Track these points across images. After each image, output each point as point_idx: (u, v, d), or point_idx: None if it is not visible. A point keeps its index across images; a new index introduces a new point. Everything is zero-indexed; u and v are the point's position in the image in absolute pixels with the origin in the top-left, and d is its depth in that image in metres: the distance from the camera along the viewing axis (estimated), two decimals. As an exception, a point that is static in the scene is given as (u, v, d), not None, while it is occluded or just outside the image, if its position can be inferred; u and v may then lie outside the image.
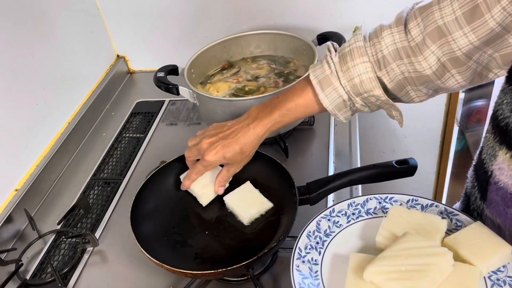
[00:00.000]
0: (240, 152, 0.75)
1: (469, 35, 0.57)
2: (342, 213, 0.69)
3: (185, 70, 1.02)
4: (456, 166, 1.71)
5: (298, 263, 0.62)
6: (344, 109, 0.71)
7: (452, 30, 0.58)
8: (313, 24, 1.23)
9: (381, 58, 0.66)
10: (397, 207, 0.66)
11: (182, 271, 0.67)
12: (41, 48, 1.06)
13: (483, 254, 0.57)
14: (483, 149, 0.67)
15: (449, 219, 0.65)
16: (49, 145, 1.07)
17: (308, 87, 0.72)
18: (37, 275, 0.83)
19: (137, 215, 0.79)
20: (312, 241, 0.66)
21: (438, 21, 0.59)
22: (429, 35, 0.61)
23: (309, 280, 0.60)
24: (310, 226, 0.67)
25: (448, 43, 0.59)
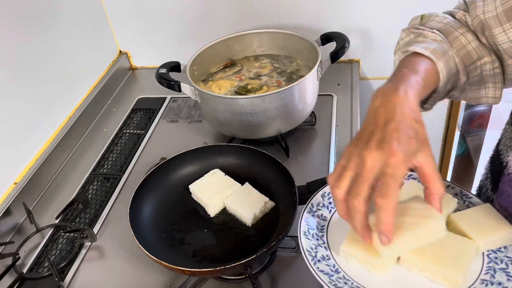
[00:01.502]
0: (415, 121, 0.51)
1: (509, 32, 0.58)
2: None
3: (187, 67, 1.02)
4: (456, 170, 1.71)
5: (307, 216, 0.65)
6: (448, 85, 0.63)
7: (492, 26, 0.60)
8: (317, 24, 1.22)
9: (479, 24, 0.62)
10: (413, 182, 0.67)
11: (180, 269, 0.67)
12: (43, 42, 1.06)
13: (483, 231, 0.58)
14: (501, 140, 0.67)
15: (462, 200, 0.66)
16: (49, 139, 1.07)
17: (422, 58, 0.59)
18: (34, 269, 0.83)
19: (136, 211, 0.79)
20: (325, 200, 0.68)
21: (480, 15, 0.61)
22: (476, 28, 0.62)
23: (314, 231, 0.64)
24: (326, 188, 0.69)
25: (491, 37, 0.61)
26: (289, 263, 0.78)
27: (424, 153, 0.50)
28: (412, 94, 0.53)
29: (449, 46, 0.63)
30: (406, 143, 0.49)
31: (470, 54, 0.63)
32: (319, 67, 0.97)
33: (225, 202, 0.82)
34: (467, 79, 0.65)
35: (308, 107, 1.00)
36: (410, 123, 0.50)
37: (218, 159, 0.91)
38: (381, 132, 0.50)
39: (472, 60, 0.63)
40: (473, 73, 0.65)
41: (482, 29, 0.62)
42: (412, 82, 0.55)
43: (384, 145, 0.49)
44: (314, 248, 0.61)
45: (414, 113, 0.52)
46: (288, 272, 0.76)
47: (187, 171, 0.90)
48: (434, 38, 0.63)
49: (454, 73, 0.63)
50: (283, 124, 0.98)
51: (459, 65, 0.63)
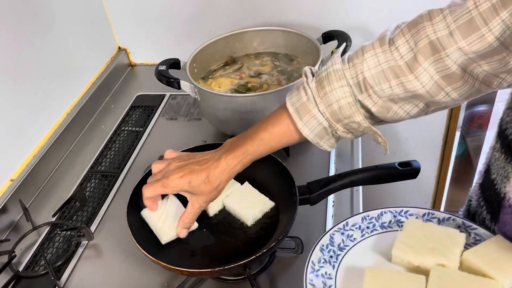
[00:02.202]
0: (207, 181, 0.67)
1: (465, 49, 0.54)
2: (356, 227, 0.67)
3: (187, 64, 1.01)
4: (456, 171, 1.70)
5: (311, 277, 0.60)
6: (326, 136, 0.66)
7: (446, 45, 0.55)
8: (319, 22, 1.21)
9: (362, 81, 0.61)
10: (413, 220, 0.64)
11: (178, 269, 0.66)
12: (41, 37, 1.04)
13: (504, 268, 0.55)
14: (490, 168, 0.64)
15: (467, 233, 0.63)
16: (47, 136, 1.05)
17: (285, 115, 0.67)
18: (30, 267, 0.82)
19: (133, 210, 0.78)
20: (325, 254, 0.63)
21: (430, 35, 0.55)
22: (421, 52, 0.56)
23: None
24: (323, 239, 0.65)
25: (442, 60, 0.56)
26: (288, 263, 0.77)
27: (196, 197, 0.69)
28: (230, 163, 0.68)
29: (318, 102, 0.64)
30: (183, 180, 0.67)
31: (336, 112, 0.63)
32: (320, 65, 0.96)
33: (224, 201, 0.81)
34: (346, 130, 0.66)
35: (308, 106, 0.99)
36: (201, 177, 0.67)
37: (217, 157, 0.89)
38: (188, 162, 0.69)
39: (339, 117, 0.63)
40: (348, 126, 0.65)
41: (428, 53, 0.56)
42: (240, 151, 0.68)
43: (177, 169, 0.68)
44: None
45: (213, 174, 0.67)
46: (288, 273, 0.76)
47: (186, 170, 0.88)
48: (306, 93, 0.65)
49: (325, 127, 0.65)
50: (284, 123, 0.97)
51: (330, 120, 0.64)
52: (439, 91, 0.58)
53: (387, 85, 0.60)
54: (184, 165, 0.69)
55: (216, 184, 0.68)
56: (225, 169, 0.68)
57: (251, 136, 0.68)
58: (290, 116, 0.66)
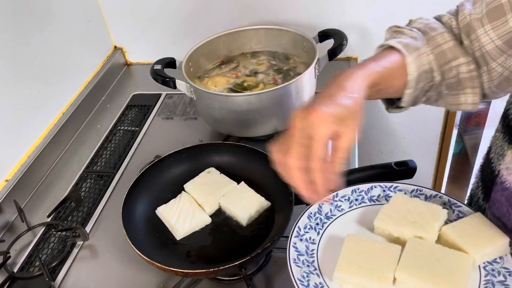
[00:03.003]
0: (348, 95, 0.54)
1: (490, 33, 0.59)
2: (345, 198, 0.69)
3: (183, 64, 1.00)
4: (453, 169, 1.70)
5: (295, 241, 0.63)
6: (421, 83, 0.63)
7: (476, 28, 0.60)
8: (315, 21, 1.21)
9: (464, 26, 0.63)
10: (399, 195, 0.67)
11: (172, 270, 0.66)
12: (36, 36, 1.04)
13: (478, 244, 0.57)
14: (491, 148, 0.66)
15: (451, 210, 0.65)
16: (42, 136, 1.05)
17: (393, 52, 0.61)
18: (25, 268, 0.81)
19: (129, 210, 0.78)
20: (312, 222, 0.66)
21: (467, 17, 0.62)
22: (462, 31, 0.63)
23: (304, 257, 0.61)
24: (312, 208, 0.67)
25: (477, 39, 0.61)
26: (284, 263, 0.75)
27: (350, 123, 0.53)
28: (359, 75, 0.57)
29: (425, 43, 0.63)
30: (331, 107, 0.53)
31: (445, 53, 0.63)
32: (316, 64, 0.96)
33: (220, 201, 0.81)
34: (442, 79, 0.65)
35: (305, 105, 0.99)
36: (342, 94, 0.54)
37: (213, 157, 0.89)
38: (316, 100, 0.55)
39: (446, 59, 0.63)
40: (448, 74, 0.64)
41: (468, 31, 0.62)
42: (365, 67, 0.59)
43: (310, 107, 0.53)
44: (306, 276, 0.59)
45: (352, 89, 0.55)
46: (284, 273, 0.75)
47: (181, 170, 0.88)
48: (411, 35, 0.64)
49: (426, 70, 0.63)
50: (280, 122, 0.96)
51: (433, 63, 0.63)
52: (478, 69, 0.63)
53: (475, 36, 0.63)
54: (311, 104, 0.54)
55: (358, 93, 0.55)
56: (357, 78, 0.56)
57: (371, 61, 0.61)
58: (399, 52, 0.61)
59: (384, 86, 0.62)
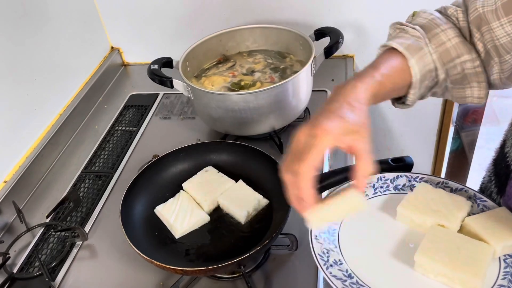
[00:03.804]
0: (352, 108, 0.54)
1: (506, 26, 0.58)
2: (370, 185, 0.70)
3: (180, 63, 1.01)
4: (451, 166, 1.70)
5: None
6: (426, 82, 0.64)
7: (490, 20, 0.59)
8: (311, 19, 1.21)
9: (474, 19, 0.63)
10: (424, 184, 0.67)
11: (172, 268, 0.66)
12: (33, 38, 1.04)
13: (500, 235, 0.57)
14: (506, 142, 0.66)
15: (476, 204, 0.65)
16: (40, 137, 1.05)
17: (396, 54, 0.62)
18: (24, 269, 0.81)
19: (127, 209, 0.78)
20: None
21: (479, 9, 0.61)
22: (473, 23, 0.62)
23: (325, 235, 0.63)
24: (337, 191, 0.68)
25: (489, 32, 0.60)
26: (283, 260, 0.77)
27: (358, 135, 0.53)
28: (360, 87, 0.57)
29: (427, 42, 0.63)
30: (335, 121, 0.53)
31: (448, 51, 0.63)
32: (313, 62, 0.96)
33: (219, 200, 0.81)
34: (447, 76, 0.65)
35: (302, 103, 0.99)
36: (347, 108, 0.54)
37: (211, 156, 0.90)
38: (319, 115, 0.55)
39: (450, 57, 0.63)
40: (453, 71, 0.64)
41: (479, 24, 0.61)
42: (367, 77, 0.59)
43: (315, 122, 0.54)
44: (326, 252, 0.61)
45: (355, 102, 0.55)
46: (283, 270, 0.76)
47: (180, 169, 0.89)
48: (413, 34, 0.64)
49: (430, 69, 0.63)
50: (277, 120, 0.97)
51: (437, 61, 0.63)
52: (490, 60, 0.62)
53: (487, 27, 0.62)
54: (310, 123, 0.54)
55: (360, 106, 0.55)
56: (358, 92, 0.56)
57: (370, 70, 0.60)
58: (402, 54, 0.62)
59: (387, 92, 0.63)
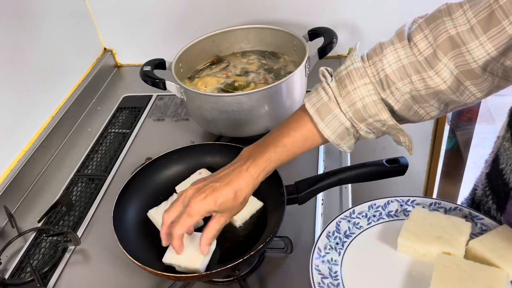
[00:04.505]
0: (233, 197, 0.63)
1: (486, 45, 0.53)
2: (363, 215, 0.68)
3: (173, 64, 1.00)
4: (446, 165, 1.70)
5: (317, 263, 0.62)
6: (347, 137, 0.65)
7: (467, 41, 0.54)
8: (305, 19, 1.20)
9: (383, 78, 0.60)
10: (419, 209, 0.65)
11: (165, 274, 0.65)
12: (24, 39, 1.03)
13: (510, 257, 0.56)
14: (498, 157, 0.64)
15: (474, 223, 0.64)
16: (32, 140, 1.04)
17: (305, 117, 0.65)
18: (16, 274, 0.80)
19: (120, 214, 0.77)
20: (331, 241, 0.65)
21: (450, 31, 0.55)
22: (440, 47, 0.56)
23: (328, 280, 0.60)
24: (330, 226, 0.66)
25: (462, 55, 0.55)
26: (278, 264, 0.76)
27: (220, 214, 0.64)
28: (253, 172, 0.64)
29: (340, 102, 0.62)
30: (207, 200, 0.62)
31: (360, 111, 0.62)
32: (307, 63, 0.96)
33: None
34: (369, 130, 0.64)
35: (296, 104, 0.98)
36: (227, 194, 0.62)
37: (205, 158, 0.89)
38: (208, 182, 0.64)
39: (363, 116, 0.62)
40: (371, 126, 0.63)
41: (447, 48, 0.56)
42: (263, 159, 0.64)
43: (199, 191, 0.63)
44: None
45: (239, 188, 0.63)
46: (277, 273, 0.75)
47: (173, 171, 0.88)
48: (327, 92, 0.63)
49: (347, 127, 0.63)
50: (271, 121, 0.96)
51: (353, 119, 0.62)
52: (459, 85, 0.58)
53: (408, 80, 0.59)
54: (202, 186, 0.63)
55: (242, 198, 0.64)
56: (249, 181, 0.64)
57: (272, 143, 0.65)
58: (311, 117, 0.63)
59: (294, 158, 0.67)
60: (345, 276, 0.60)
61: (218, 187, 0.63)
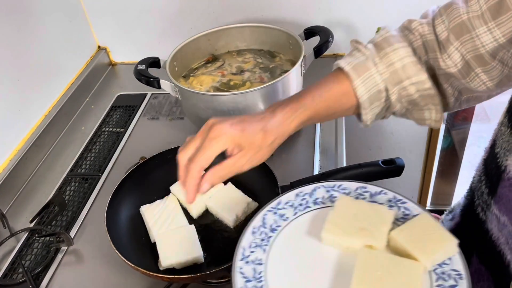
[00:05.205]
0: (262, 135, 0.57)
1: (494, 31, 0.55)
2: (289, 205, 0.63)
3: (167, 63, 0.99)
4: (442, 164, 1.71)
5: (241, 265, 0.56)
6: (377, 102, 0.63)
7: (476, 26, 0.57)
8: (301, 18, 1.20)
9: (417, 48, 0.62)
10: (343, 198, 0.62)
11: (158, 275, 0.64)
12: (16, 37, 1.01)
13: (428, 249, 0.55)
14: (496, 142, 0.65)
15: (397, 207, 0.62)
16: (24, 139, 1.02)
17: (340, 75, 0.62)
18: (8, 275, 0.79)
19: (113, 214, 0.76)
20: (257, 238, 0.59)
21: (463, 16, 0.58)
22: (453, 31, 0.59)
23: (252, 283, 0.54)
24: (255, 221, 0.61)
25: (472, 40, 0.57)
26: (273, 265, 0.76)
27: (239, 156, 0.57)
28: (288, 115, 0.59)
29: (377, 62, 0.62)
30: (238, 129, 0.56)
31: (397, 72, 0.62)
32: (302, 62, 0.95)
33: (207, 203, 0.79)
34: (400, 97, 0.64)
35: (292, 104, 0.98)
36: (256, 127, 0.57)
37: (199, 158, 0.88)
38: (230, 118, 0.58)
39: (400, 78, 0.62)
40: (404, 92, 0.63)
41: (460, 32, 0.59)
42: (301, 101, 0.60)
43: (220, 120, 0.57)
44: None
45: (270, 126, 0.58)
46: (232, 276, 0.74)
47: (167, 171, 0.86)
48: (364, 53, 0.63)
49: (380, 90, 0.62)
50: (267, 121, 0.95)
51: (387, 82, 0.62)
52: (470, 71, 0.60)
53: (426, 57, 0.62)
54: (229, 119, 0.58)
55: (272, 137, 0.58)
56: (282, 122, 0.58)
57: (307, 92, 0.62)
58: (347, 74, 0.62)
59: (324, 116, 0.63)
60: (269, 276, 0.56)
61: (247, 119, 0.57)
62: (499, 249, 0.62)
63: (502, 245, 0.61)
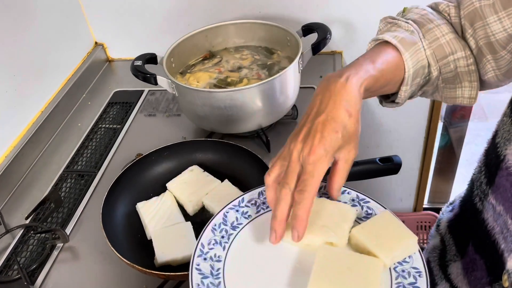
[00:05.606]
0: (349, 117, 0.52)
1: (504, 21, 0.57)
2: (252, 203, 0.63)
3: (164, 59, 0.98)
4: (439, 162, 1.71)
5: (199, 261, 0.55)
6: (418, 79, 0.62)
7: (487, 14, 0.58)
8: (299, 14, 1.19)
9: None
10: None
11: (154, 272, 0.64)
12: (13, 33, 1.00)
13: (388, 246, 0.55)
14: (497, 132, 0.65)
15: (360, 206, 0.62)
16: (20, 135, 1.02)
17: (388, 48, 0.59)
18: (3, 272, 0.79)
19: (109, 211, 0.76)
20: (217, 235, 0.59)
21: (475, 3, 0.59)
22: (466, 18, 0.61)
23: (209, 279, 0.54)
24: (216, 218, 0.60)
25: (484, 27, 0.59)
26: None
27: (346, 149, 0.52)
28: (355, 82, 0.53)
29: (421, 37, 0.62)
30: (329, 137, 0.50)
31: (442, 47, 0.62)
32: (300, 59, 0.95)
33: (204, 200, 0.79)
34: (439, 73, 0.64)
35: (289, 100, 0.97)
36: (340, 116, 0.51)
37: (196, 155, 0.88)
38: (310, 124, 0.52)
39: (444, 53, 0.62)
40: (445, 68, 0.63)
41: (473, 19, 0.60)
42: (361, 70, 0.55)
43: (308, 138, 0.51)
44: None
45: (348, 104, 0.52)
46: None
47: (164, 168, 0.87)
48: (407, 28, 0.62)
49: (423, 65, 0.62)
50: (264, 118, 0.95)
51: (430, 57, 0.62)
52: (482, 58, 0.62)
53: None
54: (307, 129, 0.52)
55: (355, 113, 0.53)
56: (354, 92, 0.53)
57: (364, 59, 0.58)
58: (395, 47, 0.59)
59: (380, 88, 0.60)
60: (227, 273, 0.55)
61: (325, 118, 0.51)
62: (494, 239, 0.62)
63: (497, 234, 0.61)
